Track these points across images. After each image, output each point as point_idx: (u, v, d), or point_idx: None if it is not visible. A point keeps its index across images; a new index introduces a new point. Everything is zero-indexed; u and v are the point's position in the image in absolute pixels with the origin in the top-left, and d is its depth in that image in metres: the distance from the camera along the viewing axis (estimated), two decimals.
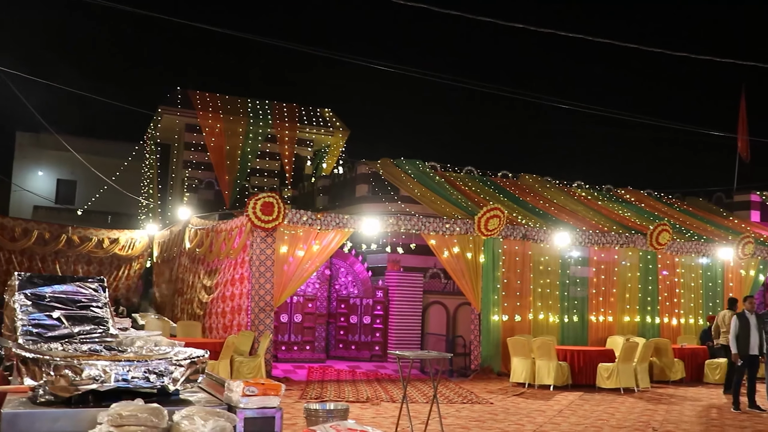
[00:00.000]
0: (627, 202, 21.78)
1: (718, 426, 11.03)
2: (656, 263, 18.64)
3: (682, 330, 19.08)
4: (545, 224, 17.64)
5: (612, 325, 18.12)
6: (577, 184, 21.94)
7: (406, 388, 9.51)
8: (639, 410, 12.35)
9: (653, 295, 18.56)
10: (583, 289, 18.05)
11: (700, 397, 14.48)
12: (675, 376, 16.58)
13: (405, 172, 19.25)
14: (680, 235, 19.22)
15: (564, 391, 14.55)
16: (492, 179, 20.64)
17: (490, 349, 16.53)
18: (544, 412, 11.78)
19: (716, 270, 19.73)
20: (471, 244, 16.53)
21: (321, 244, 15.53)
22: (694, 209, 22.88)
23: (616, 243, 17.90)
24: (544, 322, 17.41)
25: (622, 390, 14.58)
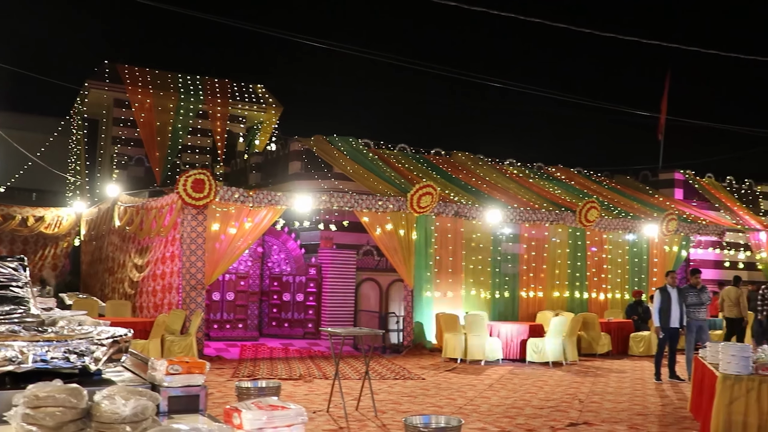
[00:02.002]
0: (557, 179, 22.17)
1: (641, 396, 11.38)
2: (585, 240, 19.07)
3: (609, 304, 19.59)
4: (477, 201, 17.83)
5: (542, 300, 18.50)
6: (509, 161, 22.22)
7: (338, 365, 9.54)
8: (567, 383, 12.64)
9: (582, 270, 18.99)
10: (514, 265, 18.35)
11: (624, 369, 14.90)
12: (602, 350, 17.01)
13: (338, 149, 19.20)
14: (608, 212, 19.67)
15: (495, 365, 14.80)
16: (425, 157, 20.75)
17: (423, 325, 16.69)
18: (475, 387, 11.96)
19: (642, 246, 20.27)
20: (404, 221, 16.61)
21: (253, 221, 15.39)
22: (621, 187, 23.42)
23: (546, 220, 18.21)
24: (476, 297, 17.66)
25: (551, 363, 14.90)
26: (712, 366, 8.51)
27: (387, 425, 8.68)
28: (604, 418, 9.46)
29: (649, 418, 9.56)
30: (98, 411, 2.49)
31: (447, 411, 9.61)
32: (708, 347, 9.20)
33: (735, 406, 7.76)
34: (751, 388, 7.74)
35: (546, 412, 9.78)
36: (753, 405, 7.71)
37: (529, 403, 10.47)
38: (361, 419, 9.01)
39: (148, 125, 26.56)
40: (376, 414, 9.27)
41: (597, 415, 9.66)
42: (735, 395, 7.78)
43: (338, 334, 9.40)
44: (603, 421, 9.26)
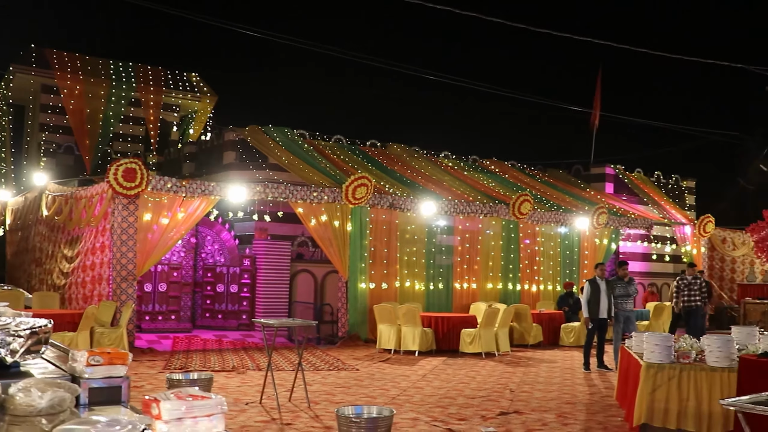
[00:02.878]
0: (491, 172, 22.42)
1: (570, 385, 11.61)
2: (518, 232, 19.34)
3: (541, 296, 19.92)
4: (412, 193, 17.92)
5: (475, 291, 18.71)
6: (444, 154, 22.38)
7: (271, 356, 9.49)
8: (498, 373, 12.82)
9: (515, 262, 19.26)
10: (448, 257, 18.50)
11: (555, 359, 15.19)
12: (533, 340, 17.30)
13: (273, 139, 19.05)
14: (541, 205, 19.99)
15: (428, 356, 14.91)
16: (360, 148, 20.75)
17: (357, 316, 16.73)
18: (409, 377, 12.04)
19: (573, 239, 20.67)
20: (339, 213, 16.59)
21: (186, 211, 15.18)
22: (554, 181, 23.82)
23: (480, 212, 18.41)
24: (410, 289, 17.76)
25: (483, 354, 15.09)
26: (636, 355, 8.73)
27: (320, 416, 8.67)
28: (534, 407, 9.63)
29: (577, 407, 9.76)
30: (12, 404, 2.42)
31: (380, 401, 9.65)
32: (633, 337, 9.44)
33: (657, 393, 7.99)
34: (672, 376, 7.97)
35: (477, 402, 9.91)
36: (674, 392, 7.94)
37: (462, 393, 10.59)
38: (294, 410, 8.99)
39: (78, 112, 25.91)
40: (309, 405, 9.26)
41: (527, 404, 9.82)
42: (657, 383, 8.00)
43: (271, 325, 9.34)
44: (533, 410, 9.42)
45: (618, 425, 8.57)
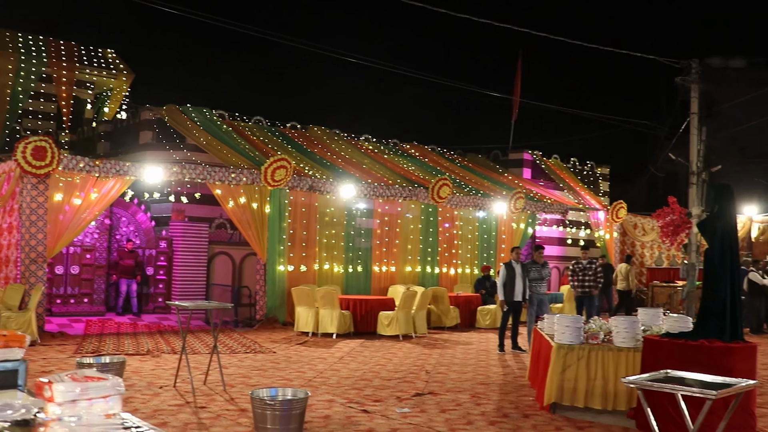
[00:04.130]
0: (411, 156, 22.53)
1: (485, 366, 11.83)
2: (437, 216, 19.52)
3: (458, 279, 20.19)
4: (332, 176, 17.88)
5: (394, 274, 18.83)
6: (365, 137, 22.37)
7: (186, 339, 9.37)
8: (415, 355, 12.96)
9: (433, 246, 19.46)
10: (367, 240, 18.56)
11: (471, 341, 15.43)
12: (450, 323, 17.53)
13: (191, 119, 18.69)
14: (459, 189, 20.21)
15: (346, 338, 14.96)
16: (280, 130, 20.55)
17: (276, 299, 16.64)
18: (326, 360, 12.06)
19: (491, 223, 21.00)
20: (257, 195, 16.43)
21: (100, 192, 14.78)
22: (473, 165, 24.10)
23: (399, 196, 18.51)
24: (329, 272, 17.76)
25: (401, 336, 15.23)
26: (548, 337, 8.96)
27: (235, 399, 8.61)
28: (449, 388, 9.77)
29: (491, 387, 9.95)
30: None
31: (296, 384, 9.64)
32: (545, 319, 9.68)
33: (567, 373, 8.22)
34: (581, 357, 8.22)
35: (393, 383, 10.00)
36: (582, 372, 8.19)
37: (378, 375, 10.66)
38: (209, 393, 8.90)
39: None
40: (225, 388, 9.18)
41: (442, 385, 9.97)
42: (567, 363, 8.23)
43: (186, 307, 9.21)
44: (448, 391, 9.56)
45: (529, 405, 8.77)
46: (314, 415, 7.83)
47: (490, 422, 7.80)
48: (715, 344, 7.24)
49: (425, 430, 7.35)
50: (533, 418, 8.05)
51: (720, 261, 7.49)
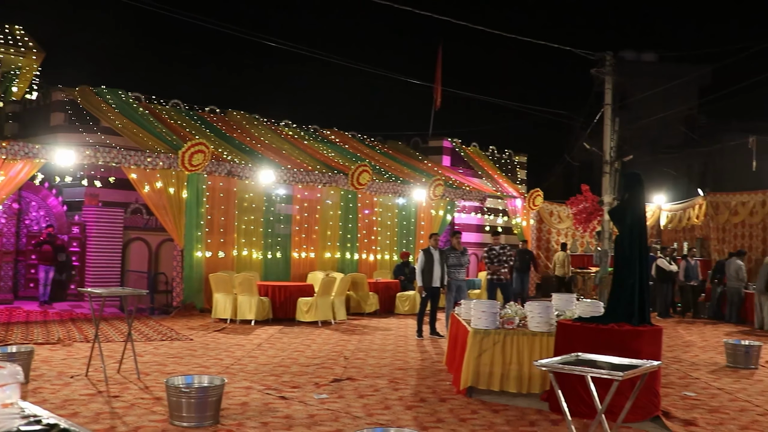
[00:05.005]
0: (332, 142, 22.46)
1: (403, 352, 11.93)
2: (356, 202, 19.54)
3: (378, 265, 20.28)
4: (251, 161, 17.68)
5: (313, 261, 18.79)
6: (285, 123, 22.18)
7: (99, 327, 9.15)
8: (334, 341, 12.97)
9: (353, 232, 19.49)
10: (286, 226, 18.45)
11: (390, 326, 15.54)
12: (370, 309, 17.62)
13: (106, 101, 18.17)
14: (379, 176, 20.26)
15: (265, 325, 14.86)
16: (199, 114, 20.18)
17: (193, 285, 16.40)
18: (244, 346, 11.96)
19: (410, 209, 21.14)
20: (174, 180, 16.13)
21: (7, 175, 14.25)
22: (393, 152, 24.18)
23: (319, 182, 18.44)
24: (248, 258, 17.60)
25: (320, 323, 15.22)
26: (465, 322, 9.09)
27: (149, 387, 8.46)
28: (367, 374, 9.82)
29: (409, 372, 10.05)
30: None
31: (213, 371, 9.53)
32: (462, 304, 9.82)
33: (483, 357, 8.37)
34: (497, 341, 8.38)
35: (312, 370, 9.99)
36: (498, 356, 8.35)
37: (296, 362, 10.63)
38: (123, 382, 8.72)
39: None
40: (139, 376, 9.01)
41: (360, 371, 10.01)
42: (483, 348, 8.38)
43: (99, 294, 8.98)
44: (366, 376, 9.61)
45: (446, 389, 8.89)
46: (231, 402, 7.77)
47: (408, 407, 7.88)
48: (624, 328, 7.48)
49: (343, 416, 7.37)
50: (450, 402, 8.16)
51: (630, 248, 7.73)
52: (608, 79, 19.75)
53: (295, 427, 6.89)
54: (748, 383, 10.07)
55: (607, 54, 19.78)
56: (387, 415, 7.49)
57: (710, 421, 7.67)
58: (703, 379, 10.31)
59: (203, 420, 6.72)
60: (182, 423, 6.69)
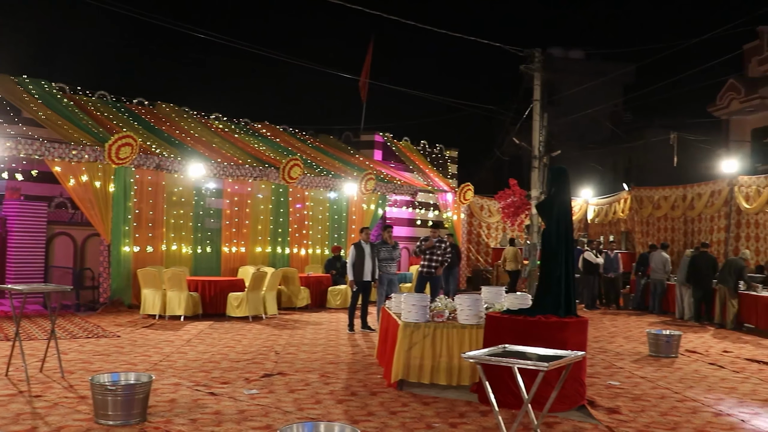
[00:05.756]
0: (263, 136, 22.26)
1: (334, 346, 11.93)
2: (288, 196, 19.43)
3: (309, 260, 20.22)
4: (180, 155, 17.40)
5: (244, 255, 18.61)
6: (215, 116, 21.88)
7: (20, 325, 8.89)
8: (265, 336, 12.89)
9: (284, 226, 19.37)
10: (216, 220, 18.23)
11: (322, 321, 15.51)
12: (301, 303, 17.56)
13: (28, 92, 17.60)
14: (311, 169, 20.18)
15: (194, 320, 14.68)
16: (126, 106, 19.74)
17: (121, 281, 16.06)
18: (173, 342, 11.78)
19: (342, 204, 21.12)
20: (101, 173, 15.76)
21: None
22: (324, 146, 24.11)
23: (250, 176, 18.28)
24: (177, 253, 17.33)
25: (251, 318, 15.10)
26: (395, 315, 9.14)
27: (74, 386, 8.26)
28: (298, 368, 9.79)
29: (340, 366, 10.05)
30: None
31: (141, 368, 9.36)
32: (393, 298, 9.87)
33: (413, 351, 8.43)
34: (427, 335, 8.45)
35: (242, 365, 9.91)
36: (428, 349, 8.43)
37: (226, 357, 10.53)
38: (46, 381, 8.49)
39: None
40: (63, 375, 8.79)
41: (291, 366, 9.97)
42: (414, 341, 8.44)
43: (20, 291, 8.72)
44: (297, 371, 9.58)
45: (377, 382, 8.92)
46: (159, 399, 7.65)
47: (338, 401, 7.88)
48: (551, 319, 7.63)
49: (273, 411, 7.33)
50: (380, 395, 8.20)
51: (556, 241, 7.88)
52: (537, 76, 20.07)
53: (225, 423, 6.83)
54: (668, 371, 10.40)
55: (536, 51, 20.10)
56: (318, 409, 7.48)
57: (633, 409, 7.89)
58: (627, 368, 10.60)
59: (130, 418, 6.60)
60: (108, 421, 6.56)
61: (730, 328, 15.74)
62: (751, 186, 19.01)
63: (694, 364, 11.08)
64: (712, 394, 8.85)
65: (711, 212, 20.58)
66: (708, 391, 9.08)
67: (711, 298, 16.55)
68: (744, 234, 19.27)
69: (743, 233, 19.33)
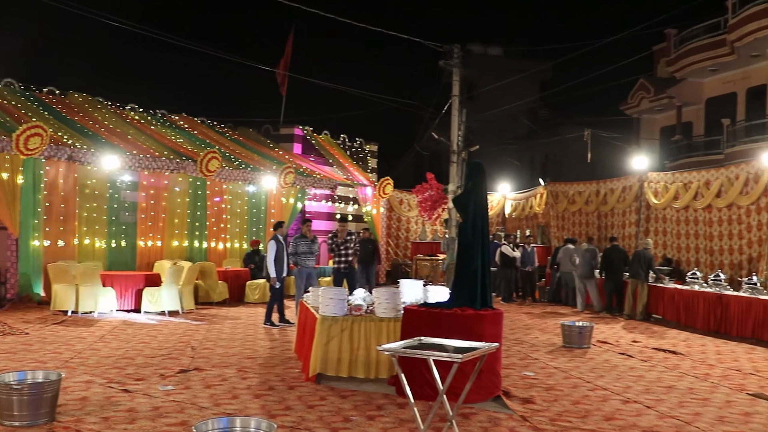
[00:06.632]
0: (180, 128, 21.85)
1: (252, 341, 11.83)
2: (206, 189, 19.13)
3: (227, 254, 19.97)
4: (94, 146, 16.93)
5: (160, 249, 18.26)
6: (131, 107, 21.35)
7: None
8: (181, 331, 12.68)
9: (202, 220, 19.07)
10: (132, 214, 17.83)
11: (240, 315, 15.36)
12: (219, 298, 17.34)
13: None
14: (229, 163, 19.93)
15: (108, 316, 14.32)
16: (36, 95, 19.06)
17: (30, 276, 15.54)
18: (85, 339, 11.48)
19: (261, 197, 20.93)
20: (8, 164, 15.19)
21: None
22: (243, 139, 23.84)
23: (167, 168, 17.93)
24: (91, 247, 16.88)
25: (167, 313, 14.84)
26: (313, 309, 9.12)
27: None
28: (215, 363, 9.68)
29: (258, 361, 9.97)
30: None
31: (50, 366, 9.09)
32: (311, 292, 9.85)
33: (331, 344, 8.43)
34: (345, 328, 8.46)
35: (157, 361, 9.73)
36: (346, 343, 8.44)
37: (141, 353, 10.33)
38: None
39: None
40: None
41: (208, 361, 9.85)
42: (332, 335, 8.44)
43: None
44: (214, 366, 9.46)
45: (295, 377, 8.89)
46: (69, 398, 7.44)
47: (256, 395, 7.82)
48: (467, 312, 7.74)
49: (189, 407, 7.22)
50: (298, 389, 8.17)
51: (472, 234, 7.99)
52: (456, 71, 20.29)
53: (139, 420, 6.70)
54: (581, 361, 10.69)
55: (455, 47, 20.31)
56: (234, 404, 7.41)
57: (546, 398, 8.09)
58: (542, 359, 10.85)
59: (37, 418, 6.40)
60: (13, 422, 6.34)
61: (640, 319, 16.28)
62: (660, 182, 19.66)
63: (605, 354, 11.42)
64: (621, 383, 9.14)
65: (623, 207, 21.19)
66: (617, 379, 9.37)
67: (622, 290, 17.07)
68: (653, 228, 19.91)
69: (652, 227, 19.97)
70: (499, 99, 34.36)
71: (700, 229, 18.11)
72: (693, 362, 10.96)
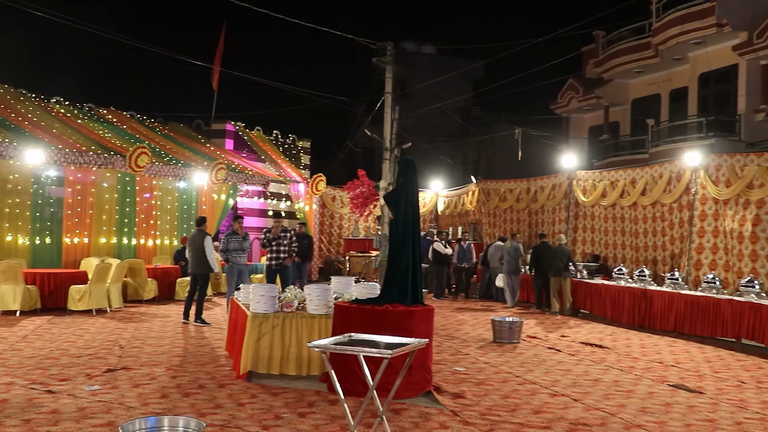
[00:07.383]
0: (109, 122, 21.37)
1: (182, 338, 11.66)
2: (135, 185, 18.78)
3: (157, 251, 19.64)
4: (16, 140, 16.42)
5: (87, 246, 17.84)
6: (56, 99, 20.79)
7: None
8: (109, 330, 12.42)
9: (131, 216, 18.71)
10: (57, 210, 17.37)
11: (170, 313, 15.13)
12: (148, 295, 17.05)
13: None
14: (159, 158, 19.58)
15: (32, 315, 13.94)
16: None
17: None
18: (7, 339, 11.14)
19: (192, 194, 20.64)
20: None
21: None
22: (174, 134, 23.45)
23: (94, 163, 17.52)
24: (13, 244, 16.39)
25: (94, 311, 14.52)
26: (244, 306, 9.05)
27: None
28: (144, 362, 9.51)
29: (188, 359, 9.84)
30: None
31: None
32: (242, 289, 9.77)
33: (262, 342, 8.38)
34: (276, 325, 8.42)
35: (84, 360, 9.51)
36: (277, 340, 8.40)
37: (67, 353, 10.08)
38: None
39: None
40: None
41: (137, 360, 9.67)
42: (263, 332, 8.39)
43: None
44: (142, 365, 9.30)
45: (226, 374, 8.80)
46: None
47: (185, 394, 7.72)
48: (398, 308, 7.78)
49: (116, 407, 7.08)
50: (229, 387, 8.09)
51: (403, 231, 8.03)
52: (389, 69, 20.33)
53: (63, 422, 6.53)
54: (511, 356, 10.86)
55: (388, 44, 20.36)
56: (164, 403, 7.30)
57: (477, 393, 8.19)
58: (473, 354, 10.98)
59: None
60: None
61: (568, 314, 16.62)
62: (588, 180, 20.09)
63: (535, 349, 11.63)
64: (550, 376, 9.32)
65: (552, 204, 21.57)
66: (546, 373, 9.55)
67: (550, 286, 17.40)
68: (581, 225, 20.33)
69: (581, 225, 20.39)
70: (432, 97, 34.58)
71: (626, 226, 18.59)
72: (618, 355, 11.25)
